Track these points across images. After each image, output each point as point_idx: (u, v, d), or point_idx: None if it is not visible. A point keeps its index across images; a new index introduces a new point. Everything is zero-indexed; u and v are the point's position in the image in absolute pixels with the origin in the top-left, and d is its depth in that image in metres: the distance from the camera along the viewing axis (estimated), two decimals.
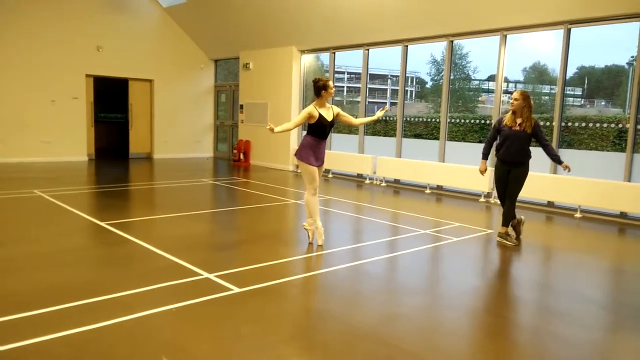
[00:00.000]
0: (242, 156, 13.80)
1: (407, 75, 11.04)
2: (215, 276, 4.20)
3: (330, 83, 5.30)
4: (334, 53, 12.15)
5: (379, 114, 5.54)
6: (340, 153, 11.63)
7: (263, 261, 4.77)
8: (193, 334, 3.18)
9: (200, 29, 14.33)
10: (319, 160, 5.42)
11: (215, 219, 7.02)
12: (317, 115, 5.27)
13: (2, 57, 11.65)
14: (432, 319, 3.68)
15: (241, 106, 14.19)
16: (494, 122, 7.12)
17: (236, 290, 3.91)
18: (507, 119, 5.72)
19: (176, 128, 14.83)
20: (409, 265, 5.06)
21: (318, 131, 5.35)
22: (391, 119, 11.37)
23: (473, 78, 11.30)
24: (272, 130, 5.07)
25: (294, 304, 3.90)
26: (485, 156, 5.97)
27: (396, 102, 11.12)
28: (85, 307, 3.51)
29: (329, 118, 5.34)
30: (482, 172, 6.06)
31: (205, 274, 4.25)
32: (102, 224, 6.09)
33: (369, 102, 12.30)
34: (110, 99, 15.17)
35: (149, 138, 14.56)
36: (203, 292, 3.85)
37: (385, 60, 12.19)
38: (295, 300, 3.98)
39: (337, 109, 5.47)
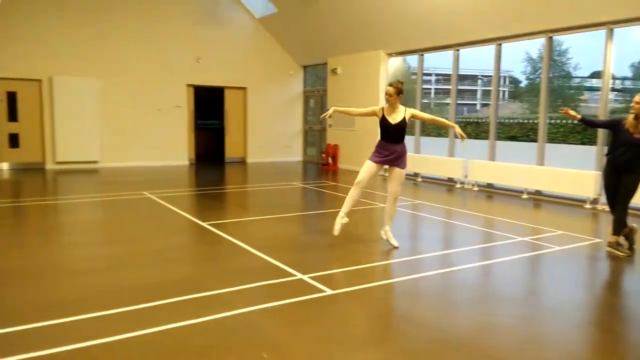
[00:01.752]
0: (330, 160, 14.01)
1: (499, 74, 10.57)
2: (309, 277, 4.32)
3: (387, 88, 5.29)
4: (422, 55, 11.95)
5: (458, 131, 5.34)
6: (430, 156, 11.40)
7: (354, 264, 4.82)
8: (288, 333, 3.30)
9: (290, 36, 14.79)
10: (380, 157, 5.40)
11: (306, 221, 7.20)
12: (380, 115, 5.35)
13: (115, 71, 12.85)
14: (533, 330, 3.50)
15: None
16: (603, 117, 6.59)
17: (329, 292, 4.00)
18: (629, 123, 5.25)
19: (268, 133, 15.41)
20: (505, 273, 4.85)
21: (381, 132, 5.43)
22: (483, 120, 10.94)
23: (574, 75, 10.55)
24: (328, 116, 5.42)
25: (385, 308, 3.91)
26: (584, 119, 5.56)
27: (488, 104, 10.68)
28: (187, 302, 3.77)
29: (393, 121, 5.31)
30: (571, 115, 5.70)
31: (299, 275, 4.39)
32: (203, 224, 6.49)
33: (458, 103, 11.93)
34: (208, 107, 16.12)
35: (243, 143, 15.28)
36: (297, 293, 3.97)
37: (475, 60, 11.80)
38: (387, 304, 3.98)
39: (411, 111, 5.41)
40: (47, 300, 3.80)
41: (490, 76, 10.61)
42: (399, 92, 5.29)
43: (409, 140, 12.23)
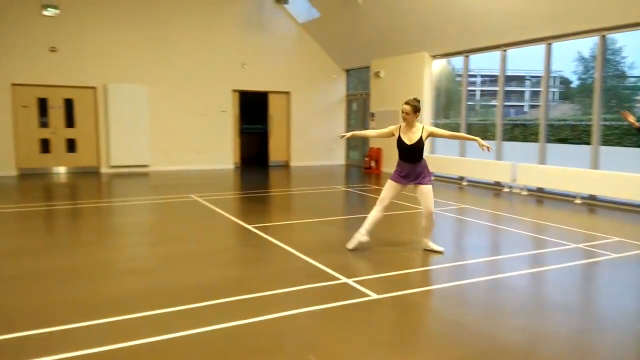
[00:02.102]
0: (373, 163, 13.95)
1: (549, 74, 10.22)
2: (354, 281, 4.32)
3: (404, 107, 5.19)
4: (468, 56, 11.72)
5: (482, 142, 5.19)
6: (475, 159, 11.16)
7: (399, 269, 4.78)
8: (334, 336, 3.31)
9: (333, 40, 14.86)
10: (401, 176, 5.35)
11: (349, 224, 7.19)
12: (397, 134, 5.30)
13: (164, 78, 13.30)
14: (587, 342, 3.36)
15: (372, 114, 14.37)
16: None
17: (374, 296, 3.98)
18: None
19: (310, 137, 15.52)
20: (557, 281, 4.68)
21: (398, 151, 5.34)
22: (531, 123, 10.60)
23: (629, 75, 10.08)
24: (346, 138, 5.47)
25: (432, 314, 3.85)
26: None
27: (536, 105, 10.35)
28: (234, 304, 3.85)
29: (410, 141, 5.20)
30: (630, 120, 5.42)
31: (344, 279, 4.39)
32: (249, 226, 6.61)
33: (505, 105, 11.62)
34: (253, 111, 16.42)
35: (286, 147, 15.46)
36: (342, 296, 3.98)
37: (522, 60, 11.44)
38: (434, 310, 3.92)
39: (429, 129, 5.26)
40: (100, 299, 3.98)
41: (539, 77, 10.30)
42: (416, 110, 5.20)
43: (453, 142, 12.05)
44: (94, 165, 12.90)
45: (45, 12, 11.83)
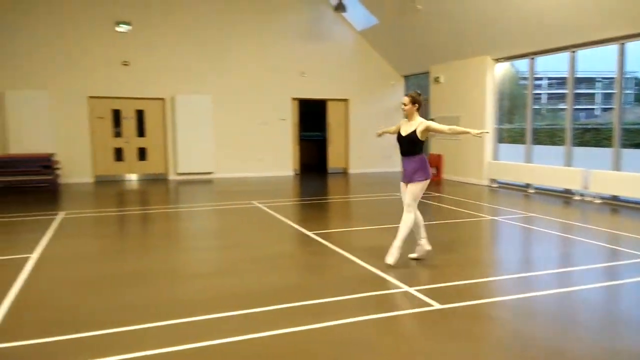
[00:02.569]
0: (433, 170, 13.71)
1: (623, 76, 9.63)
2: (416, 290, 4.27)
3: (403, 98, 5.18)
4: (533, 59, 11.28)
5: (475, 132, 4.89)
6: (543, 166, 10.69)
7: (463, 278, 4.67)
8: (395, 346, 3.29)
9: (391, 47, 14.79)
10: (402, 176, 5.20)
11: (409, 232, 7.10)
12: (399, 128, 5.23)
13: (227, 88, 13.77)
14: None
15: (432, 120, 14.11)
16: None
17: (437, 306, 3.92)
18: None
19: (368, 144, 15.49)
20: (634, 295, 4.39)
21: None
22: (603, 127, 10.01)
23: None
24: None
25: (499, 326, 3.73)
26: None
27: (609, 108, 9.76)
28: (296, 309, 3.92)
29: (404, 133, 5.13)
30: None
31: (406, 287, 4.35)
32: (309, 233, 6.70)
33: (575, 108, 11.05)
34: (311, 119, 16.63)
35: (345, 154, 15.52)
36: (404, 305, 3.95)
37: (592, 61, 10.86)
38: (500, 323, 3.80)
39: (426, 124, 5.05)
40: (169, 301, 4.17)
41: (611, 78, 9.71)
42: (414, 101, 5.10)
43: (518, 148, 11.61)
44: (162, 173, 13.56)
45: (118, 29, 12.64)
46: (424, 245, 5.28)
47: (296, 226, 7.23)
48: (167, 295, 4.31)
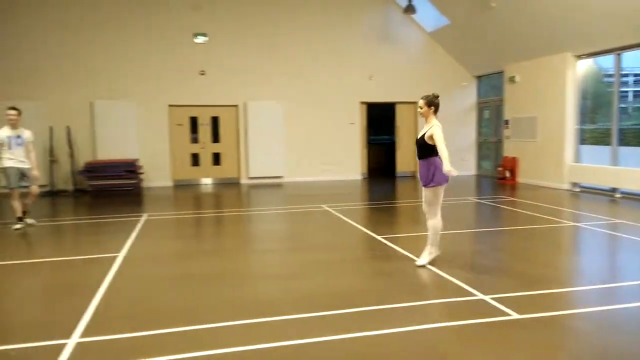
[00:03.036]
0: (508, 174, 13.15)
1: None
2: (491, 298, 4.13)
3: (419, 101, 5.17)
4: (620, 54, 10.51)
5: (446, 168, 4.78)
6: (632, 169, 9.93)
7: (542, 287, 4.45)
8: (465, 356, 3.20)
9: (463, 47, 14.39)
10: (421, 181, 5.18)
11: (483, 238, 6.89)
12: None
13: (296, 93, 14.04)
14: None
15: (506, 121, 13.59)
16: None
17: (515, 316, 3.76)
18: None
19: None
20: None
21: None
22: None
23: None
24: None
25: (581, 339, 3.52)
26: None
27: None
28: (366, 314, 3.91)
29: (419, 135, 5.17)
30: None
31: (480, 295, 4.22)
32: (378, 237, 6.67)
33: None
34: (379, 123, 16.56)
35: (414, 157, 15.23)
36: (478, 314, 3.83)
37: None
38: (584, 335, 3.58)
39: (432, 131, 4.93)
40: (243, 301, 4.32)
41: None
42: (430, 104, 5.08)
43: (601, 149, 10.86)
44: (235, 177, 14.06)
45: (196, 40, 13.30)
46: (432, 251, 5.24)
47: (365, 230, 7.23)
48: (241, 296, 4.47)
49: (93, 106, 12.73)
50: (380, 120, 16.20)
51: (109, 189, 12.16)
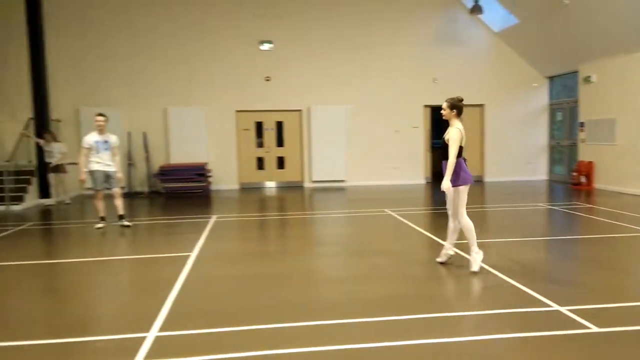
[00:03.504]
0: (583, 179, 12.45)
1: None
2: (568, 310, 3.94)
3: (443, 103, 5.18)
4: None
5: (447, 186, 5.03)
6: None
7: (625, 300, 4.19)
8: None
9: (533, 47, 13.81)
10: None
11: (557, 246, 6.57)
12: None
13: (359, 97, 14.06)
14: None
15: (581, 124, 12.88)
16: None
17: (594, 329, 3.57)
18: None
19: (506, 150, 14.63)
20: None
21: None
22: None
23: None
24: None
25: None
26: None
27: None
28: (430, 320, 3.86)
29: (445, 137, 5.20)
30: None
31: (556, 306, 4.04)
32: (443, 242, 6.52)
33: None
34: (443, 126, 16.20)
35: (480, 161, 14.84)
36: (553, 326, 3.67)
37: None
38: None
39: (450, 134, 5.10)
40: (304, 303, 4.39)
41: None
42: (452, 107, 5.16)
43: None
44: (298, 180, 14.30)
45: (262, 47, 13.69)
46: (448, 249, 5.42)
47: (430, 235, 7.12)
48: (306, 297, 4.55)
49: (167, 113, 13.42)
50: (445, 123, 15.83)
51: (180, 191, 12.76)
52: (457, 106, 5.20)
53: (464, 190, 5.16)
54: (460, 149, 5.12)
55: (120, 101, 13.07)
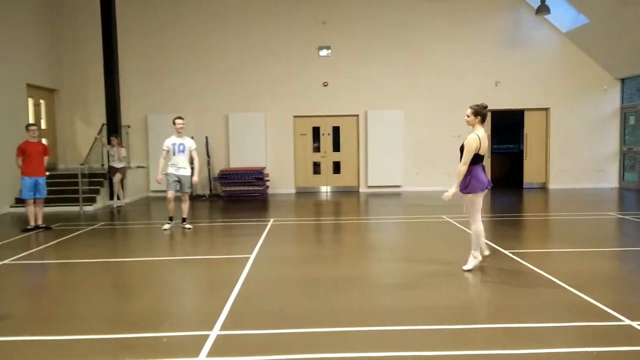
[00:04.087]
0: None
1: None
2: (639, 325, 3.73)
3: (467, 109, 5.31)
4: None
5: (448, 193, 5.28)
6: None
7: None
8: None
9: (605, 47, 13.09)
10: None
11: (627, 258, 6.19)
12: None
13: (416, 102, 13.89)
14: None
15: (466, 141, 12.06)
16: None
17: None
18: None
19: (574, 157, 13.94)
20: None
21: None
22: None
23: None
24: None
25: None
26: None
27: None
28: (492, 331, 3.76)
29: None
30: None
31: (627, 321, 3.82)
32: (504, 251, 6.34)
33: None
34: (504, 130, 15.71)
35: (544, 168, 14.23)
36: (626, 341, 3.48)
37: None
38: None
39: (467, 140, 5.18)
40: (359, 308, 4.38)
41: None
42: (476, 113, 5.22)
43: None
44: (354, 185, 14.31)
45: (320, 53, 13.87)
46: (476, 255, 5.42)
47: (490, 243, 6.90)
48: (362, 302, 4.55)
49: (227, 118, 13.87)
50: (505, 128, 15.38)
51: (239, 195, 13.13)
52: (481, 113, 5.27)
53: (476, 197, 5.30)
54: (478, 156, 5.20)
55: (185, 107, 13.64)
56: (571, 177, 13.92)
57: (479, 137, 5.15)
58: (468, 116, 5.33)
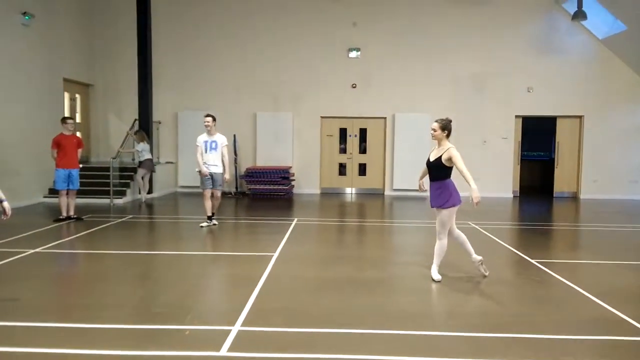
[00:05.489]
0: None
1: None
2: None
3: (433, 124, 5.23)
4: None
5: (474, 195, 5.10)
6: None
7: None
8: None
9: None
10: (431, 203, 5.32)
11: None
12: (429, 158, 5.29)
13: (443, 105, 13.71)
14: None
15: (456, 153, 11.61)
16: None
17: None
18: None
19: (608, 166, 13.56)
20: None
21: None
22: None
23: None
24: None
25: None
26: None
27: None
28: (518, 340, 3.69)
29: (432, 158, 5.23)
30: None
31: None
32: (532, 260, 6.22)
33: None
34: (534, 138, 15.40)
35: (576, 177, 13.89)
36: None
37: None
38: None
39: (450, 153, 5.05)
40: (380, 310, 4.37)
41: None
42: (444, 128, 5.16)
43: None
44: (379, 188, 14.26)
45: (350, 55, 13.86)
46: (475, 259, 5.40)
47: (517, 251, 6.80)
48: (381, 305, 4.53)
49: (255, 117, 14.01)
50: (536, 135, 15.07)
51: (265, 193, 13.24)
52: (448, 127, 5.24)
53: (453, 211, 5.28)
54: (451, 169, 5.18)
55: (214, 105, 13.82)
56: (603, 187, 13.54)
57: (455, 148, 5.15)
58: (435, 130, 5.24)
